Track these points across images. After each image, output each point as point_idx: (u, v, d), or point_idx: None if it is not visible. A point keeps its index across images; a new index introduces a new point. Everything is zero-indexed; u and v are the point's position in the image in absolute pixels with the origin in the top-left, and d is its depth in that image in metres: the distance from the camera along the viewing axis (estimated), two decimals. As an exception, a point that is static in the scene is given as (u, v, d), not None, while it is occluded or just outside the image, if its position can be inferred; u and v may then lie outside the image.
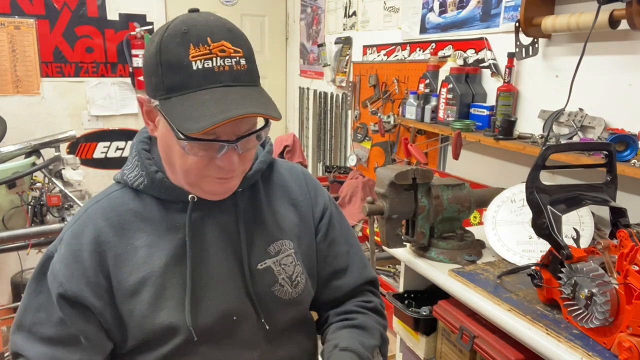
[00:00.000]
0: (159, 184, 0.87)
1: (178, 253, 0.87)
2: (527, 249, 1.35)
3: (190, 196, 0.88)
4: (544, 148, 1.08)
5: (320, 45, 3.52)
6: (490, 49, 2.08)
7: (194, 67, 0.75)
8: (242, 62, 0.78)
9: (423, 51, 2.51)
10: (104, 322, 0.85)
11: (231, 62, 0.77)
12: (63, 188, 2.35)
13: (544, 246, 1.08)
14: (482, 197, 1.50)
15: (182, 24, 0.77)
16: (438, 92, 2.20)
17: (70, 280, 0.83)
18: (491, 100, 2.05)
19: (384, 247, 1.42)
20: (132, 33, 3.51)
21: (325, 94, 3.60)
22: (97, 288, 0.84)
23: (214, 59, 0.76)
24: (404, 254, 1.48)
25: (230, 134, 0.78)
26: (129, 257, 0.86)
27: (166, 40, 0.77)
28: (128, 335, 0.86)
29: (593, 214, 1.37)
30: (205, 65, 0.75)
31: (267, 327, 0.91)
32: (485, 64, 2.11)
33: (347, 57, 3.22)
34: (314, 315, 1.09)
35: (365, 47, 3.04)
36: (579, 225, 1.30)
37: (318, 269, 1.02)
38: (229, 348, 0.89)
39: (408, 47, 2.63)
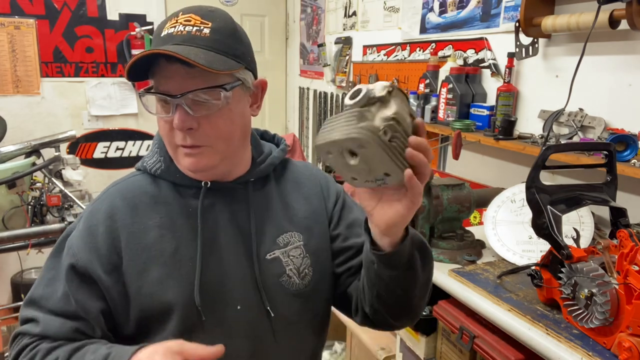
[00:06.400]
0: (175, 169, 0.91)
1: (189, 237, 0.90)
2: (527, 249, 1.35)
3: (203, 181, 0.91)
4: (544, 148, 1.08)
5: (320, 45, 3.52)
6: (490, 49, 2.08)
7: (161, 35, 0.83)
8: (206, 30, 0.83)
9: (423, 51, 2.51)
10: (110, 299, 0.87)
11: (191, 29, 0.83)
12: (63, 188, 2.35)
13: (544, 246, 1.08)
14: (482, 197, 1.50)
15: (178, 10, 0.87)
16: (438, 92, 2.19)
17: (83, 252, 0.87)
18: (491, 100, 2.05)
19: (384, 247, 1.42)
20: (132, 33, 3.51)
21: (325, 94, 3.60)
22: (107, 263, 0.87)
23: (177, 26, 0.83)
24: (404, 254, 1.47)
25: (178, 91, 0.81)
26: (141, 236, 0.88)
27: (160, 23, 0.87)
28: (131, 314, 0.88)
29: (593, 214, 1.37)
30: (169, 32, 0.83)
31: (273, 315, 0.92)
32: (485, 64, 2.11)
33: (347, 57, 3.22)
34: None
35: (365, 47, 3.04)
36: (579, 225, 1.30)
37: (341, 252, 1.00)
38: (230, 336, 0.90)
39: (408, 47, 2.63)
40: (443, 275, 1.32)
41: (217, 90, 0.82)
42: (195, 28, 0.82)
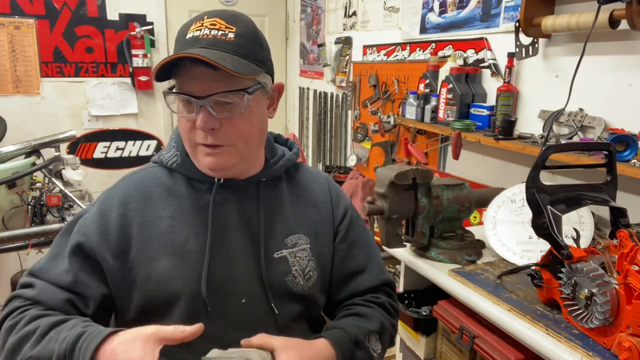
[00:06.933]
0: (191, 163, 0.94)
1: (200, 229, 0.92)
2: (527, 249, 1.35)
3: (216, 177, 0.94)
4: (544, 148, 1.08)
5: (320, 45, 3.52)
6: (490, 49, 2.08)
7: (187, 37, 0.85)
8: (230, 35, 0.85)
9: (423, 51, 2.51)
10: (112, 282, 0.90)
11: (217, 33, 0.84)
12: (63, 188, 2.35)
13: (544, 246, 1.08)
14: (482, 197, 1.50)
15: (202, 13, 0.88)
16: (438, 92, 2.19)
17: (94, 233, 0.90)
18: (491, 100, 2.05)
19: (384, 247, 1.42)
20: (132, 33, 3.51)
21: (325, 94, 3.60)
22: (115, 247, 0.89)
23: (202, 29, 0.84)
24: (404, 254, 1.48)
25: (202, 93, 0.83)
26: (153, 225, 0.91)
27: (183, 25, 0.89)
28: (134, 300, 0.89)
29: (593, 214, 1.37)
30: (194, 34, 0.84)
31: (277, 312, 0.94)
32: (485, 64, 2.10)
33: (347, 57, 3.22)
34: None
35: (365, 47, 3.04)
36: (579, 225, 1.30)
37: (337, 269, 1.04)
38: (234, 329, 0.91)
39: (408, 47, 2.63)
40: (443, 275, 1.32)
41: (240, 93, 0.85)
42: (220, 32, 0.84)
